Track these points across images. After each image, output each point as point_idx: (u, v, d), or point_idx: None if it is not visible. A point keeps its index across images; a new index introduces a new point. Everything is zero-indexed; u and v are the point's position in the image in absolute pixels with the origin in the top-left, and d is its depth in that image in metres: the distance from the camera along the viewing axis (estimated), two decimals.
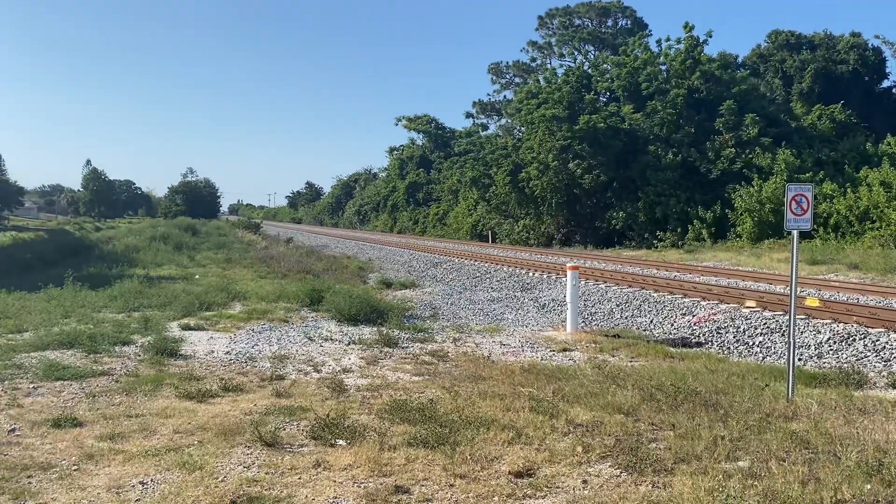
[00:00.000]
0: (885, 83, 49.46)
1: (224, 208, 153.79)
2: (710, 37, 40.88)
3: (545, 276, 23.08)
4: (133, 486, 5.02)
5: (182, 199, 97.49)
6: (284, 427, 6.55)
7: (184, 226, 45.18)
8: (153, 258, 28.80)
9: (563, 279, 19.09)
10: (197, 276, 22.58)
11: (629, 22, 56.68)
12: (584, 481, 5.16)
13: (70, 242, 37.78)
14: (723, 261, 28.42)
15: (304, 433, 6.29)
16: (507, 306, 18.07)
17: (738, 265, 26.70)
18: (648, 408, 7.04)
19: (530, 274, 24.14)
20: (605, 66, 45.02)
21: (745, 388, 7.95)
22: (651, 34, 45.10)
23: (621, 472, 5.31)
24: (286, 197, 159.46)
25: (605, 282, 20.55)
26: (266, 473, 5.22)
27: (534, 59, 59.98)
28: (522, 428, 6.33)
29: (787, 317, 7.79)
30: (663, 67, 41.51)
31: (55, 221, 78.32)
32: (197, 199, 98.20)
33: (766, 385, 8.00)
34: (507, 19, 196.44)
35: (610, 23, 57.03)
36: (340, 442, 5.95)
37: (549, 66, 56.49)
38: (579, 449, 5.78)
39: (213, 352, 10.73)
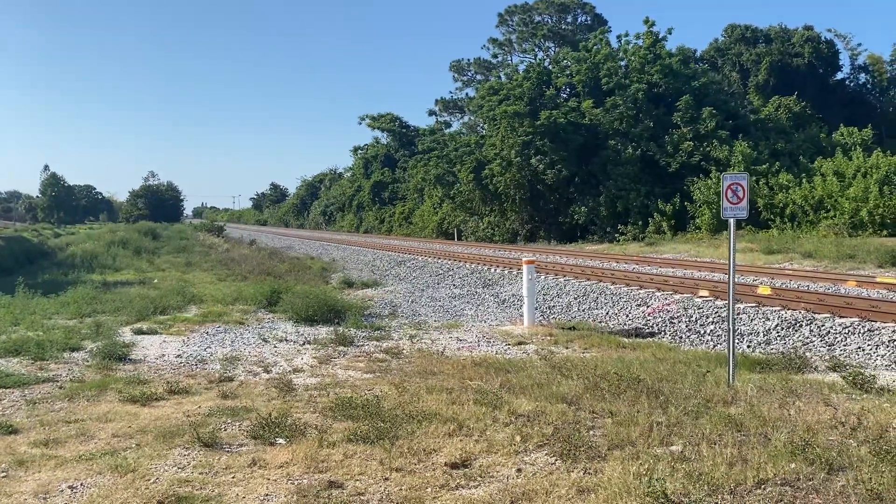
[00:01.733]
0: (839, 75, 50.63)
1: (188, 212, 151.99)
2: (671, 33, 41.54)
3: (507, 272, 23.19)
4: (61, 491, 4.95)
5: (144, 203, 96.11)
6: (226, 428, 6.50)
7: (144, 230, 44.55)
8: (112, 263, 28.37)
9: None
10: (155, 281, 22.30)
11: (589, 18, 57.13)
12: (519, 470, 5.21)
13: (27, 249, 36.95)
14: (682, 252, 28.82)
15: (245, 433, 6.25)
16: (467, 302, 18.14)
17: (697, 256, 27.11)
18: (591, 396, 7.12)
19: (492, 270, 24.24)
20: (565, 61, 45.33)
21: (688, 375, 8.08)
22: (611, 30, 45.48)
23: (556, 460, 5.36)
24: (250, 199, 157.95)
25: (565, 276, 20.72)
26: (200, 473, 5.18)
27: (495, 56, 60.22)
28: (464, 420, 6.37)
29: (734, 304, 7.93)
30: (623, 63, 41.92)
31: (12, 228, 76.56)
32: (159, 202, 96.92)
33: (707, 371, 8.14)
34: (468, 17, 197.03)
35: (570, 19, 57.46)
36: (280, 440, 5.92)
37: (510, 62, 56.78)
38: (517, 438, 5.84)
39: (163, 355, 10.61)
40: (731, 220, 7.79)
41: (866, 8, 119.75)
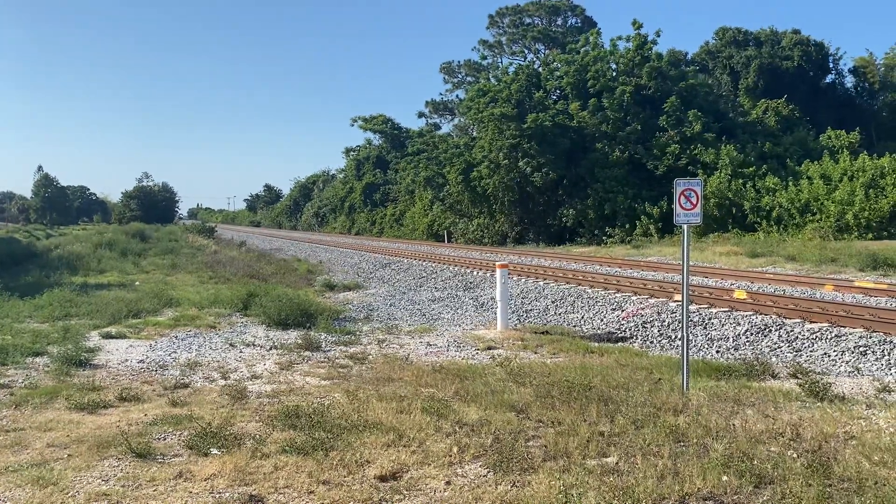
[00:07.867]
0: (829, 78, 50.64)
1: (183, 213, 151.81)
2: (659, 36, 41.51)
3: (488, 275, 23.11)
4: None
5: (137, 204, 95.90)
6: (165, 437, 6.40)
7: (132, 232, 44.34)
8: (97, 265, 28.21)
9: None
10: (137, 283, 22.16)
11: (579, 20, 57.13)
12: (448, 482, 5.11)
13: (15, 251, 36.71)
14: (667, 256, 28.76)
15: (182, 443, 6.15)
16: (446, 306, 18.05)
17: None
18: (541, 405, 7.04)
19: (475, 273, 24.17)
20: (554, 64, 45.29)
21: (644, 383, 8.00)
22: (601, 32, 45.45)
23: (489, 472, 5.27)
24: (245, 200, 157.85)
25: (545, 279, 20.65)
26: (122, 487, 5.07)
27: (484, 58, 60.16)
28: (406, 430, 6.27)
29: (688, 309, 7.86)
30: (612, 66, 41.87)
31: (4, 230, 76.32)
32: (152, 203, 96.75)
33: (660, 378, 8.07)
34: (459, 18, 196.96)
35: (560, 21, 57.46)
36: (214, 451, 5.82)
37: (499, 64, 56.75)
38: (455, 449, 5.74)
39: (126, 360, 10.50)
40: (685, 227, 7.73)
41: (852, 15, 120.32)
